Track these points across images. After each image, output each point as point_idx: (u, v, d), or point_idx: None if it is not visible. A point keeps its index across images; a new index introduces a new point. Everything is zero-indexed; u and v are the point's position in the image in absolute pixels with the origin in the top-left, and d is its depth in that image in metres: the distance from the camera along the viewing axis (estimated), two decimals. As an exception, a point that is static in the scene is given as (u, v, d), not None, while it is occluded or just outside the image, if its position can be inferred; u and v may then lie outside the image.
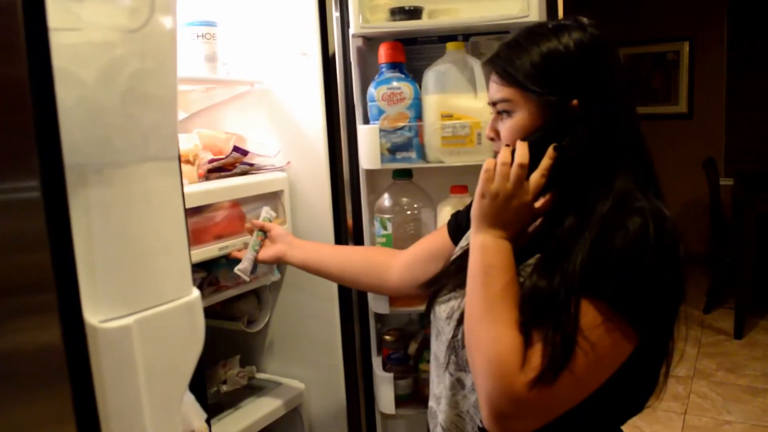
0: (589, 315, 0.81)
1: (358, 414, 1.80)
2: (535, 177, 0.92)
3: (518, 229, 0.94)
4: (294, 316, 1.87)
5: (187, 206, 1.48)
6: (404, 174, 1.57)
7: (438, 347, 1.07)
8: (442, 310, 1.06)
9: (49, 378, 0.57)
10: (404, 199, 1.57)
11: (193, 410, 0.81)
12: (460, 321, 0.98)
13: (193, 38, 1.60)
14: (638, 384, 0.94)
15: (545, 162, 0.92)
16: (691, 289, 4.56)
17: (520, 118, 0.94)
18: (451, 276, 1.08)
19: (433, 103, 1.48)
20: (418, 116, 1.52)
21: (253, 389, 1.87)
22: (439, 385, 1.06)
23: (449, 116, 1.46)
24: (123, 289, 0.65)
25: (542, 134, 0.92)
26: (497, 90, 0.97)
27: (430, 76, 1.49)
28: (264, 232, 1.51)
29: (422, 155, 1.53)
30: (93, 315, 0.62)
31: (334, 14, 1.63)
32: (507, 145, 0.94)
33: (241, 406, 1.76)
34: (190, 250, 1.25)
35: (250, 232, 1.52)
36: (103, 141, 0.65)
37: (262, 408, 1.75)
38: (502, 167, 0.92)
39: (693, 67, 5.24)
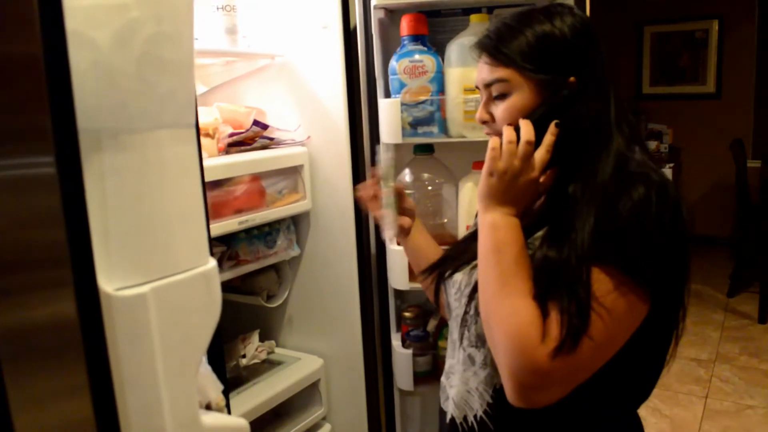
0: (601, 281, 0.82)
1: (377, 390, 1.80)
2: (540, 153, 0.93)
3: (525, 205, 0.95)
4: (313, 291, 1.87)
5: (207, 180, 1.48)
6: (425, 149, 1.55)
7: (451, 324, 1.09)
8: (450, 286, 1.08)
9: (64, 351, 0.57)
10: (425, 175, 1.55)
11: (209, 382, 0.81)
12: (471, 296, 0.99)
13: (213, 10, 1.58)
14: (649, 357, 0.95)
15: (548, 138, 0.93)
16: (715, 273, 4.50)
17: (518, 98, 0.95)
18: (455, 257, 1.08)
19: (455, 76, 1.45)
20: (441, 90, 1.49)
21: (272, 364, 1.87)
22: (452, 360, 1.07)
23: (472, 90, 1.43)
24: (138, 257, 0.64)
25: (543, 111, 0.93)
26: (491, 71, 0.97)
27: (453, 48, 1.46)
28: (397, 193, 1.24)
29: (444, 130, 1.50)
30: (108, 283, 0.61)
31: (356, -14, 1.60)
32: (509, 125, 0.94)
33: (260, 380, 1.76)
34: (208, 220, 1.26)
35: (373, 176, 1.26)
36: (118, 106, 0.63)
37: (281, 382, 1.76)
38: (509, 145, 0.92)
39: (722, 46, 5.10)
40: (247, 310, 1.92)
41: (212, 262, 0.73)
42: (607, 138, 0.92)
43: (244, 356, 1.85)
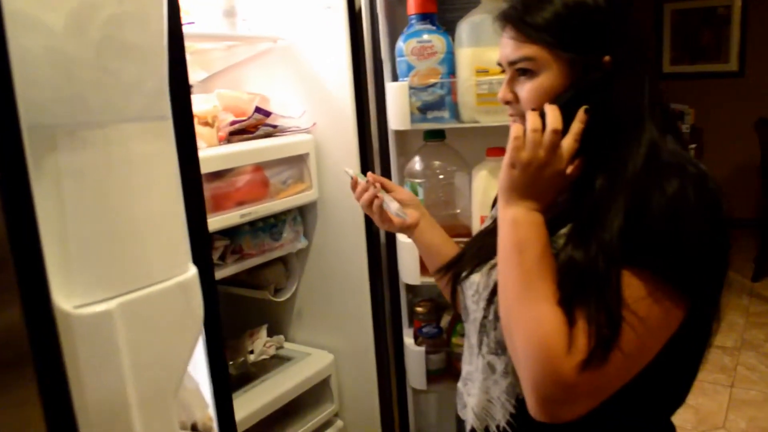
0: (633, 286, 0.75)
1: (389, 387, 1.73)
2: (568, 142, 0.84)
3: (551, 199, 0.87)
4: (322, 284, 1.80)
5: (206, 171, 1.42)
6: (436, 135, 1.46)
7: (469, 328, 1.02)
8: (467, 287, 1.00)
9: (9, 361, 0.50)
10: (436, 163, 1.46)
11: (195, 399, 0.74)
12: (490, 300, 0.92)
13: (210, -9, 1.49)
14: (683, 363, 0.88)
15: (576, 126, 0.84)
16: (739, 256, 4.35)
17: (545, 78, 0.86)
18: (472, 255, 1.00)
19: (467, 57, 1.36)
20: (452, 72, 1.39)
21: (281, 359, 1.81)
22: (470, 366, 1.00)
23: (485, 72, 1.33)
24: (103, 269, 0.57)
25: (572, 95, 0.84)
26: (516, 47, 0.87)
27: (464, 27, 1.36)
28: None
29: (456, 115, 1.41)
30: (66, 299, 0.54)
31: (360, -38, 1.50)
32: (533, 110, 0.85)
33: (268, 377, 1.70)
34: (205, 219, 1.19)
35: (354, 185, 1.20)
36: (76, 98, 0.56)
37: (290, 379, 1.69)
38: (533, 134, 0.84)
39: (745, 22, 4.90)
40: (255, 304, 1.86)
41: (192, 270, 0.66)
42: (639, 126, 0.83)
43: (251, 352, 1.79)
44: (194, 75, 1.77)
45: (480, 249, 1.00)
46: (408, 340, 1.57)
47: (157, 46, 0.61)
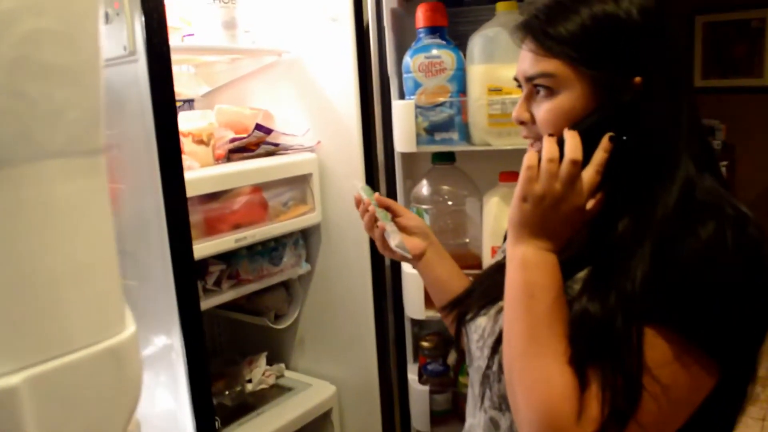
0: (657, 348, 0.66)
1: (393, 424, 1.61)
2: (589, 174, 0.74)
3: (566, 238, 0.77)
4: (326, 311, 1.69)
5: (200, 193, 1.33)
6: (445, 158, 1.35)
7: (473, 375, 0.92)
8: (472, 331, 0.90)
9: None
10: (445, 187, 1.36)
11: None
12: (495, 348, 0.82)
13: (209, 2, 1.41)
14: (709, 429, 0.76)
15: (600, 155, 0.74)
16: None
17: (566, 98, 0.75)
18: (480, 294, 0.90)
19: (478, 74, 1.25)
20: (462, 90, 1.29)
21: (281, 389, 1.71)
22: (473, 419, 0.90)
23: (498, 90, 1.22)
24: (6, 334, 0.47)
25: (596, 120, 0.74)
26: (535, 62, 0.77)
27: (476, 42, 1.25)
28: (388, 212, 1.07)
29: (466, 136, 1.30)
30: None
31: (369, -28, 1.41)
32: (550, 135, 0.75)
33: (266, 409, 1.60)
34: (191, 245, 1.09)
35: (358, 202, 1.09)
36: (-22, 131, 0.46)
37: (289, 412, 1.59)
38: (549, 164, 0.73)
39: (780, 36, 4.70)
40: (256, 330, 1.76)
41: (128, 330, 0.56)
42: (674, 160, 0.73)
43: (250, 381, 1.70)
44: (197, 89, 1.70)
45: (489, 287, 0.90)
46: (412, 377, 1.46)
47: (88, 67, 0.52)
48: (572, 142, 0.73)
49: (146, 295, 1.21)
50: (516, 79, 0.82)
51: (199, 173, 1.32)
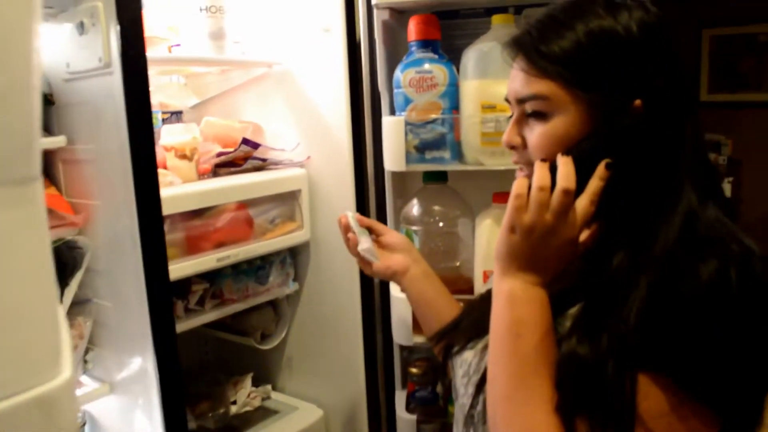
0: (651, 398, 0.61)
1: (382, 453, 1.55)
2: (583, 204, 0.69)
3: (557, 272, 0.72)
4: (314, 331, 1.64)
5: (180, 210, 1.28)
6: (437, 177, 1.29)
7: (457, 412, 0.88)
8: (458, 365, 0.85)
9: None
10: (436, 208, 1.30)
11: None
12: (479, 388, 0.78)
13: (196, 12, 1.36)
14: None
15: (595, 184, 0.69)
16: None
17: (560, 122, 0.71)
18: (468, 325, 0.85)
19: (472, 90, 1.20)
20: (455, 107, 1.23)
21: (267, 412, 1.66)
22: None
23: (491, 107, 1.17)
24: None
25: (592, 146, 0.69)
26: (527, 83, 0.72)
27: (470, 56, 1.20)
28: (370, 231, 1.06)
29: (458, 155, 1.25)
30: None
31: (362, -18, 1.36)
32: (543, 160, 0.69)
33: (250, 432, 1.54)
34: (167, 265, 1.04)
35: (346, 229, 1.06)
36: None
37: (274, 436, 1.53)
38: (540, 193, 0.68)
39: (788, 50, 4.64)
40: (243, 350, 1.70)
41: (62, 376, 0.50)
42: (676, 189, 0.68)
43: (234, 403, 1.64)
44: (186, 100, 1.65)
45: (477, 319, 0.84)
46: (399, 405, 1.40)
47: (18, 88, 0.46)
48: (565, 169, 0.68)
49: (122, 317, 1.16)
50: (507, 100, 0.78)
51: (180, 189, 1.27)
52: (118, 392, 1.22)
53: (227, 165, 1.50)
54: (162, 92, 1.55)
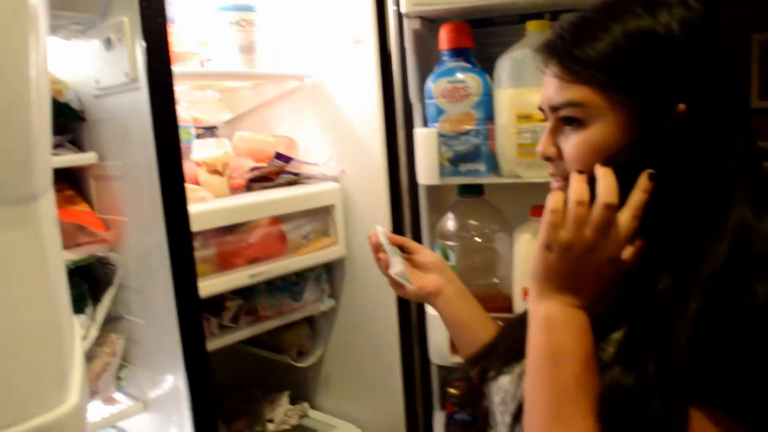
0: None
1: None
2: (626, 219, 0.64)
3: (598, 292, 0.66)
4: (351, 350, 1.60)
5: (211, 226, 1.27)
6: (473, 190, 1.25)
7: None
8: (494, 392, 0.80)
9: None
10: (472, 222, 1.25)
11: None
12: (516, 417, 0.73)
13: (226, 25, 1.36)
14: None
15: (638, 197, 0.64)
16: None
17: (597, 131, 0.66)
18: (505, 349, 0.80)
19: (507, 99, 1.15)
20: (489, 117, 1.19)
21: (304, 430, 1.62)
22: None
23: (527, 117, 1.12)
24: None
25: (633, 155, 0.64)
26: (561, 89, 0.67)
27: (504, 65, 1.15)
28: (402, 249, 1.01)
29: (493, 167, 1.20)
30: None
31: (394, -9, 1.33)
32: (580, 172, 0.64)
33: (285, 452, 1.51)
34: (196, 283, 1.02)
35: (376, 248, 1.01)
36: None
37: (310, 457, 1.50)
38: (578, 207, 0.63)
39: (842, 53, 4.42)
40: (280, 366, 1.68)
41: (68, 404, 0.48)
42: (725, 200, 0.63)
43: (271, 421, 1.62)
44: (219, 115, 1.65)
45: (514, 342, 0.79)
46: (438, 428, 1.35)
47: (14, 107, 0.45)
48: (606, 182, 0.63)
49: (153, 334, 1.15)
50: (541, 109, 0.73)
51: (211, 205, 1.26)
52: (151, 410, 1.21)
53: (260, 180, 1.48)
54: (196, 107, 1.55)
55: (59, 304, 0.49)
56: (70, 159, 1.09)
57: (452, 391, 1.36)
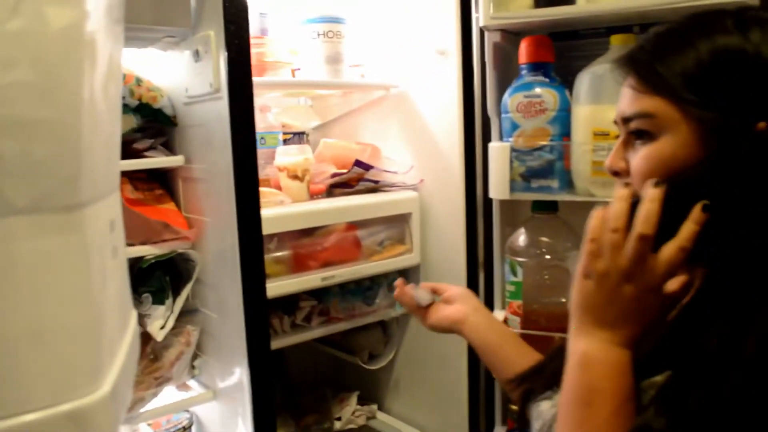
0: None
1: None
2: (669, 252, 0.59)
3: (641, 329, 0.62)
4: (421, 357, 1.61)
5: (286, 229, 1.32)
6: (547, 206, 1.22)
7: None
8: (534, 417, 0.78)
9: None
10: (544, 239, 1.23)
11: None
12: None
13: (314, 37, 1.41)
14: None
15: (688, 228, 0.58)
16: None
17: (667, 144, 0.61)
18: (552, 372, 0.78)
19: (583, 116, 1.12)
20: (566, 133, 1.16)
21: (370, 431, 1.65)
22: None
23: (604, 135, 1.08)
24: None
25: (695, 175, 0.59)
26: (635, 100, 0.63)
27: (584, 80, 1.12)
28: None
29: (567, 184, 1.17)
30: None
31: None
32: (656, 184, 0.59)
33: (349, 452, 1.55)
34: (264, 283, 1.07)
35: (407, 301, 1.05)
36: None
37: (373, 459, 1.53)
38: (612, 235, 0.60)
39: None
40: (353, 367, 1.72)
41: (100, 392, 0.53)
42: None
43: (339, 419, 1.66)
44: (309, 122, 1.71)
45: (561, 366, 0.77)
46: (497, 443, 1.33)
47: (66, 121, 0.50)
48: (647, 208, 0.58)
49: (224, 328, 1.21)
50: (615, 122, 0.69)
51: (287, 209, 1.31)
52: (220, 399, 1.28)
53: (341, 186, 1.53)
54: (287, 114, 1.62)
55: (101, 304, 0.54)
56: (159, 161, 1.17)
57: (514, 407, 1.34)
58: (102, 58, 0.56)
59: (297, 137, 1.62)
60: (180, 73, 1.17)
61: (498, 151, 1.17)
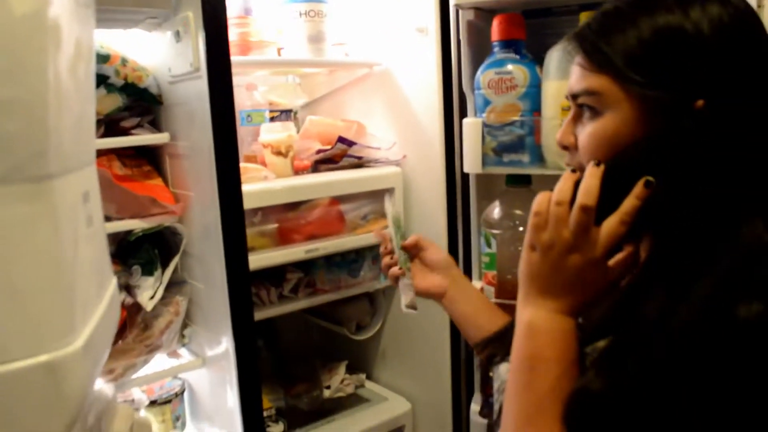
0: None
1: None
2: (611, 225, 0.63)
3: (584, 299, 0.66)
4: (406, 327, 1.67)
5: (269, 203, 1.37)
6: (520, 180, 1.26)
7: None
8: (495, 377, 0.85)
9: None
10: (517, 212, 1.27)
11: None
12: (501, 411, 0.74)
13: (296, 16, 1.44)
14: None
15: (630, 203, 0.62)
16: None
17: (610, 121, 0.64)
18: (509, 339, 0.83)
19: (552, 91, 1.15)
20: (536, 109, 1.19)
21: (359, 399, 1.72)
22: None
23: (571, 110, 1.12)
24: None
25: (637, 153, 0.62)
26: (582, 77, 0.67)
27: (553, 56, 1.15)
28: (408, 252, 1.07)
29: (538, 158, 1.21)
30: None
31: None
32: (597, 164, 0.64)
33: (337, 418, 1.61)
34: (247, 255, 1.12)
35: (384, 239, 1.10)
36: None
37: (361, 423, 1.59)
38: (555, 208, 0.64)
39: None
40: (340, 338, 1.78)
41: (74, 345, 0.58)
42: (737, 212, 0.59)
43: (328, 387, 1.72)
44: (296, 100, 1.75)
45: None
46: (474, 407, 1.39)
47: (33, 101, 0.54)
48: (588, 182, 0.62)
49: (210, 298, 1.27)
50: (568, 98, 0.72)
51: (270, 185, 1.36)
52: (209, 366, 1.34)
53: (326, 162, 1.57)
54: (274, 92, 1.66)
55: (72, 266, 0.60)
56: (145, 138, 1.22)
57: (492, 374, 1.39)
58: (68, 41, 0.60)
59: (284, 115, 1.66)
60: (163, 53, 1.22)
61: (471, 127, 1.21)
